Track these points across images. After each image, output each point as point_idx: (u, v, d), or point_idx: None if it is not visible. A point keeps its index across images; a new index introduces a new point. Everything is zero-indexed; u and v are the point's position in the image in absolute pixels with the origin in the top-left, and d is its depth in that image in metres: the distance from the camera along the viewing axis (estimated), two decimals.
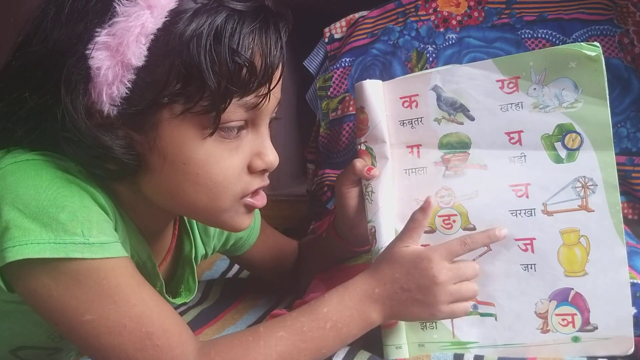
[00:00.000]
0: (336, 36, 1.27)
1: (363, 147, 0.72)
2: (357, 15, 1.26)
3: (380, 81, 0.72)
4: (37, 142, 0.58)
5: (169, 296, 0.74)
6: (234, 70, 0.55)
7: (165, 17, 0.54)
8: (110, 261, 0.55)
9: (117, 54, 0.53)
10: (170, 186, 0.59)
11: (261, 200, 0.64)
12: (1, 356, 0.68)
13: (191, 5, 0.55)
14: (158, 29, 0.54)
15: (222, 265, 1.14)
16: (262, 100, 0.59)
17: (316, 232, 1.14)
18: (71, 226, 0.52)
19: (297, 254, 0.97)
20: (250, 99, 0.58)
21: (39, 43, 0.57)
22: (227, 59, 0.54)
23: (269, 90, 0.59)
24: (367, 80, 0.71)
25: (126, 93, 0.54)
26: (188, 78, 0.54)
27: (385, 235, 0.70)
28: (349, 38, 1.24)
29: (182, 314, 0.89)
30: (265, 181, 0.64)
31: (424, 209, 0.66)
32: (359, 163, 0.71)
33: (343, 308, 0.62)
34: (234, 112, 0.58)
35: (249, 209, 0.64)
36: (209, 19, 0.54)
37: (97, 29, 0.54)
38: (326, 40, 1.28)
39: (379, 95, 0.71)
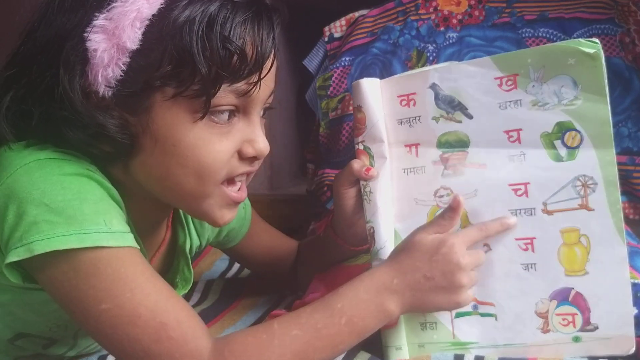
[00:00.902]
0: (336, 35, 1.27)
1: (361, 147, 0.72)
2: (357, 14, 1.26)
3: (377, 79, 0.72)
4: (50, 131, 0.59)
5: None
6: (225, 56, 0.57)
7: (161, 4, 0.56)
8: (128, 250, 0.57)
9: (113, 37, 0.56)
10: (161, 168, 0.61)
11: (241, 194, 0.66)
12: (1, 346, 0.68)
13: None
14: (153, 15, 0.56)
15: (221, 266, 1.14)
16: (252, 87, 0.60)
17: (316, 232, 1.14)
18: (95, 216, 0.55)
19: (295, 253, 0.97)
20: (240, 85, 0.60)
21: (44, 29, 0.59)
22: (218, 46, 0.57)
23: (260, 79, 0.61)
24: (365, 78, 0.71)
25: (121, 75, 0.56)
26: (180, 62, 0.56)
27: (384, 235, 0.70)
28: (349, 37, 1.24)
29: None
30: (253, 167, 0.65)
31: (453, 208, 0.65)
32: (356, 164, 0.71)
33: (358, 302, 0.61)
34: (224, 97, 0.59)
35: (230, 202, 0.65)
36: (203, 7, 0.56)
37: (96, 14, 0.56)
38: (326, 39, 1.28)
39: (376, 94, 0.71)
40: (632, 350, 0.63)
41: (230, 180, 0.64)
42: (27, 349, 0.70)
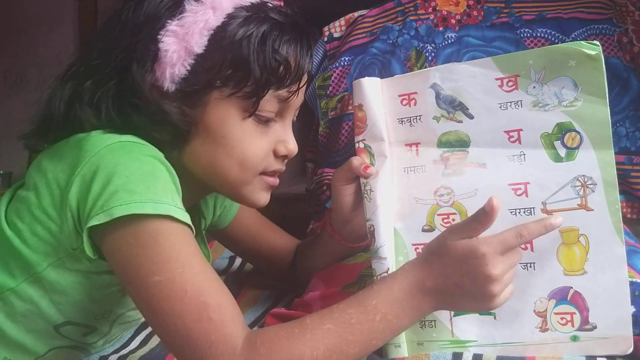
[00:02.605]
0: (335, 35, 1.27)
1: (361, 145, 0.72)
2: (356, 14, 1.26)
3: (378, 79, 0.72)
4: (121, 119, 0.68)
5: None
6: (274, 66, 0.68)
7: (224, 18, 0.67)
8: (186, 230, 0.62)
9: (183, 41, 0.66)
10: (209, 157, 0.70)
11: (276, 180, 0.76)
12: (45, 331, 0.70)
13: (243, 13, 0.68)
14: (217, 26, 0.67)
15: (221, 264, 1.14)
16: (292, 95, 0.71)
17: (315, 231, 1.14)
18: (165, 193, 0.62)
19: (292, 248, 0.98)
20: (283, 92, 0.70)
21: (121, 29, 0.69)
22: (270, 57, 0.68)
23: (299, 88, 0.72)
24: (366, 77, 0.72)
25: (184, 74, 0.66)
26: (238, 67, 0.67)
27: (384, 234, 0.70)
28: (348, 37, 1.24)
29: None
30: (283, 166, 0.75)
31: (488, 212, 0.61)
32: (356, 161, 0.72)
33: (393, 300, 0.62)
34: (269, 102, 0.70)
35: (266, 186, 0.75)
36: (257, 25, 0.68)
37: (169, 20, 0.66)
38: (325, 39, 1.28)
39: (377, 93, 0.71)
40: (630, 350, 0.63)
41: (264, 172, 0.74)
42: (68, 337, 0.73)
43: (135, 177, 0.61)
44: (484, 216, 0.61)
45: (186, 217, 0.62)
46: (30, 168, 0.70)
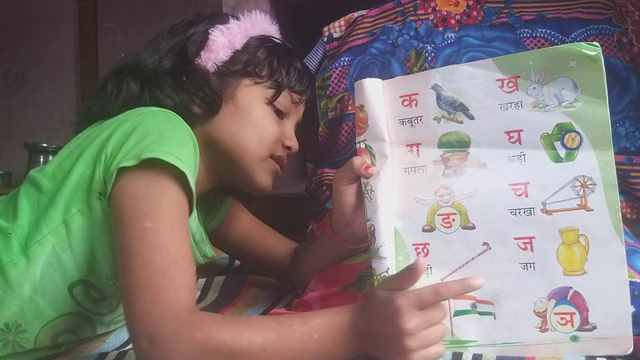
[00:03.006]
0: (335, 35, 1.27)
1: (362, 146, 0.72)
2: (356, 14, 1.26)
3: (380, 80, 0.72)
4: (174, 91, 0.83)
5: None
6: (292, 72, 0.90)
7: (258, 31, 0.89)
8: (186, 203, 0.70)
9: (228, 37, 0.86)
10: (235, 126, 0.85)
11: (279, 169, 0.90)
12: (60, 291, 0.74)
13: (271, 35, 0.92)
14: (252, 36, 0.88)
15: (221, 264, 1.14)
16: (299, 102, 0.92)
17: (315, 232, 1.14)
18: (188, 158, 0.71)
19: (288, 250, 0.99)
20: (295, 95, 0.90)
21: (182, 29, 0.88)
22: (289, 64, 0.90)
23: (307, 97, 0.93)
24: (367, 78, 0.72)
25: (224, 62, 0.85)
26: (265, 64, 0.88)
27: (384, 234, 0.70)
28: (348, 37, 1.24)
29: None
30: (286, 157, 0.90)
31: (413, 270, 0.63)
32: (357, 160, 0.72)
33: (331, 328, 0.64)
34: (284, 97, 0.89)
35: (273, 170, 0.88)
36: (281, 44, 0.92)
37: (217, 25, 0.86)
38: (325, 39, 1.27)
39: (378, 94, 0.71)
40: (630, 350, 0.63)
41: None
42: (79, 302, 0.75)
43: (168, 137, 0.71)
44: (409, 272, 0.64)
45: (193, 185, 0.70)
46: (71, 141, 0.79)
